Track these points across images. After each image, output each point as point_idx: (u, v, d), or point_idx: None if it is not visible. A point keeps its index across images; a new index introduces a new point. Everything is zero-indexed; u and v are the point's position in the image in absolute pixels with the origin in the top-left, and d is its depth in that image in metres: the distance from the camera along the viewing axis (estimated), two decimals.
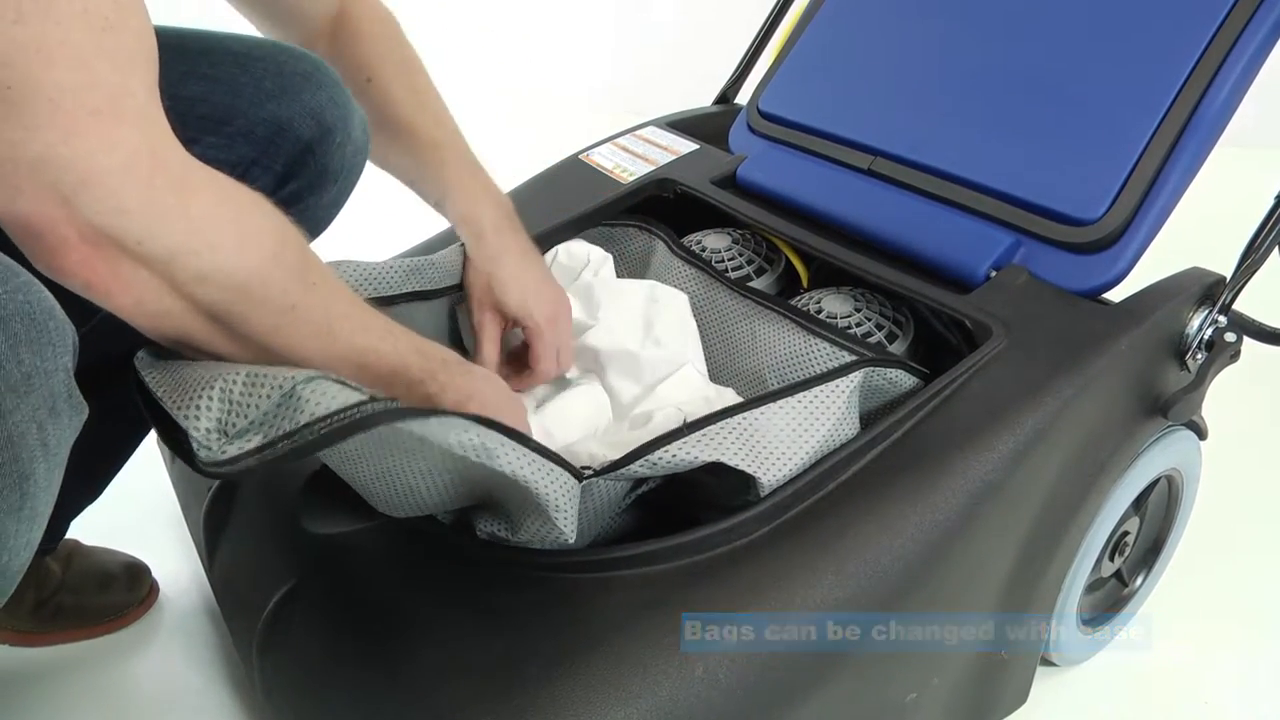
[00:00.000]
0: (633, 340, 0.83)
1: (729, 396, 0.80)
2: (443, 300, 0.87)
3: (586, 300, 0.87)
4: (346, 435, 0.47)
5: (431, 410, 0.51)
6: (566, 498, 0.57)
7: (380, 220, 0.83)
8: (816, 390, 0.67)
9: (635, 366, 0.81)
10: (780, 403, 0.65)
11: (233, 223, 0.51)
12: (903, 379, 0.73)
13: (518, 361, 0.84)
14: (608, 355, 0.82)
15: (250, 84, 0.69)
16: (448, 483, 0.58)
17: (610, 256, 0.93)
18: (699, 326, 0.87)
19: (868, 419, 0.73)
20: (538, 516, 0.58)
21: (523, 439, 0.55)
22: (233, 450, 0.47)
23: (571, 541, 0.59)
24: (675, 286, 0.91)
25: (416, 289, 0.84)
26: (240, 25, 0.77)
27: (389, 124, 0.79)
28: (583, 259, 0.92)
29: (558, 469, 0.57)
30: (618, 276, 0.98)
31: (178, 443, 0.49)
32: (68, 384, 0.49)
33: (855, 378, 0.69)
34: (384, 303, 0.81)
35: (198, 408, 0.48)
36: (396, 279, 0.83)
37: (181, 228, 0.48)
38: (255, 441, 0.47)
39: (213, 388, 0.48)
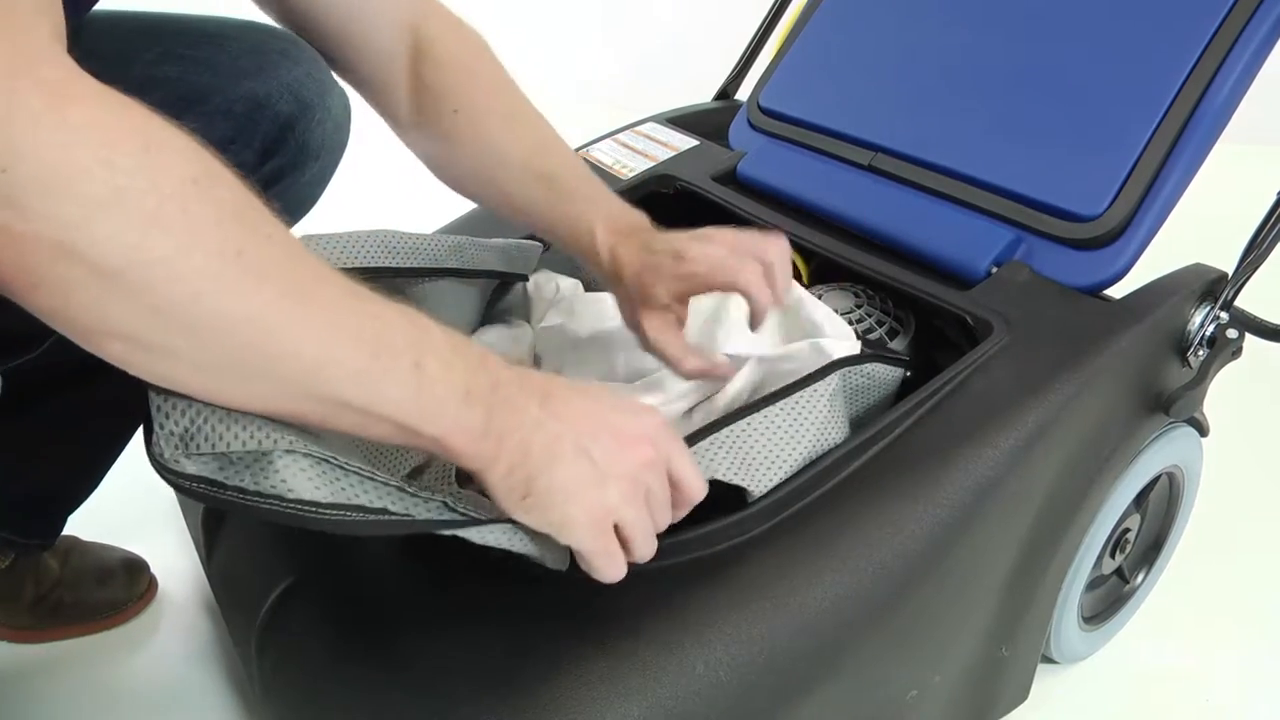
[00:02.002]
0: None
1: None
2: (475, 286, 0.85)
3: (568, 315, 0.86)
4: (299, 525, 0.45)
5: (396, 521, 0.47)
6: (553, 551, 0.55)
7: (383, 205, 0.82)
8: (795, 396, 0.66)
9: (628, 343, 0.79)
10: (764, 412, 0.65)
11: (133, 132, 0.39)
12: (883, 372, 0.72)
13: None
14: (603, 338, 0.81)
15: (227, 62, 0.67)
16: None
17: (579, 283, 0.92)
18: None
19: (867, 416, 0.73)
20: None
21: (490, 519, 0.52)
22: (188, 468, 0.44)
23: (563, 570, 0.57)
24: None
25: (456, 266, 0.80)
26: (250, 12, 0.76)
27: (485, 159, 0.73)
28: (552, 289, 0.91)
29: (527, 536, 0.54)
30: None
31: (148, 434, 0.46)
32: None
33: (832, 380, 0.68)
34: (415, 275, 0.77)
35: (172, 406, 0.44)
36: (438, 253, 0.79)
37: (58, 141, 0.36)
38: (210, 471, 0.44)
39: (191, 402, 0.44)
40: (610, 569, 0.53)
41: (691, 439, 0.62)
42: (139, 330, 0.40)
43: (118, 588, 0.93)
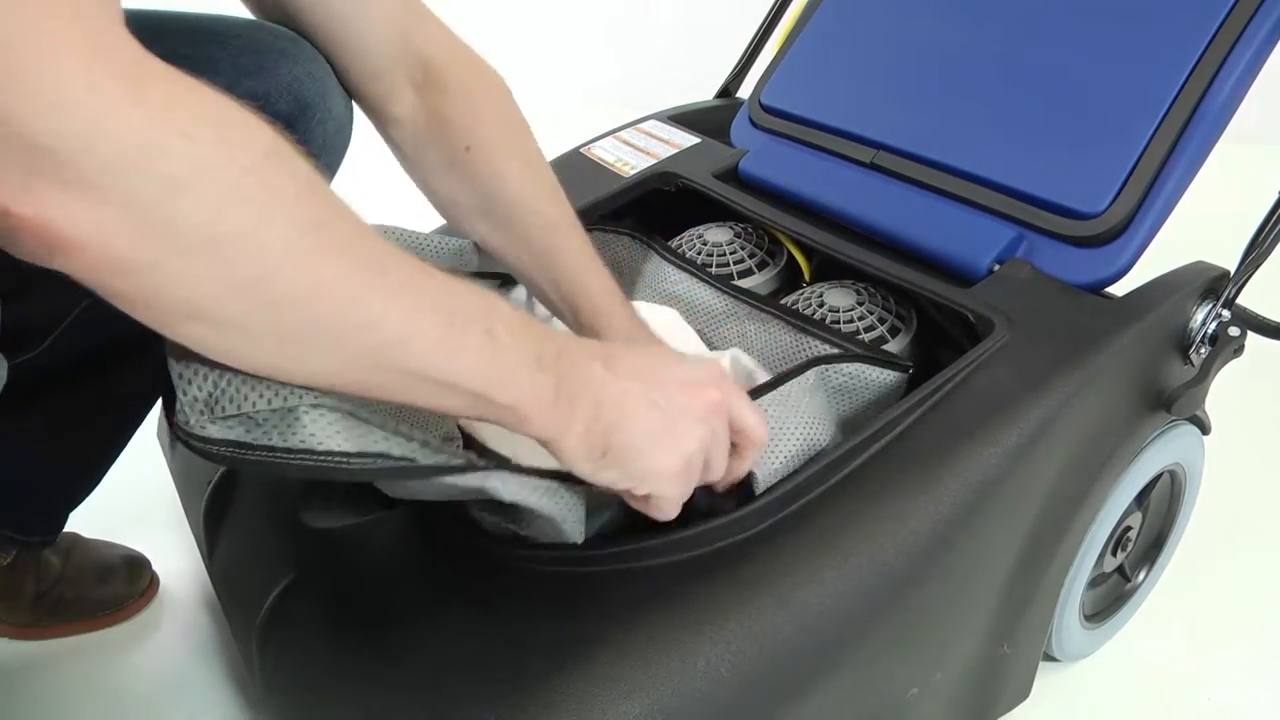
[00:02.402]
0: None
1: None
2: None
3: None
4: (329, 478, 0.45)
5: (417, 468, 0.48)
6: (571, 511, 0.56)
7: (385, 210, 0.82)
8: (783, 389, 0.67)
9: None
10: (759, 401, 0.65)
11: (207, 109, 0.39)
12: (871, 374, 0.72)
13: None
14: None
15: (228, 60, 0.66)
16: (445, 495, 0.57)
17: None
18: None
19: (866, 415, 0.73)
20: (545, 521, 0.57)
21: (521, 469, 0.54)
22: (213, 432, 0.44)
23: (579, 542, 0.58)
24: (667, 288, 0.90)
25: (459, 267, 0.80)
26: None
27: (495, 201, 0.72)
28: None
29: (559, 488, 0.55)
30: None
31: (169, 404, 0.45)
32: None
33: (809, 376, 0.69)
34: None
35: (195, 372, 0.44)
36: (440, 254, 0.78)
37: (137, 119, 0.36)
38: (237, 434, 0.44)
39: (214, 366, 0.44)
40: (675, 510, 0.56)
41: None
42: (221, 309, 0.40)
43: (119, 585, 0.93)
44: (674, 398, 0.52)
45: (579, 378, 0.50)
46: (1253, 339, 0.77)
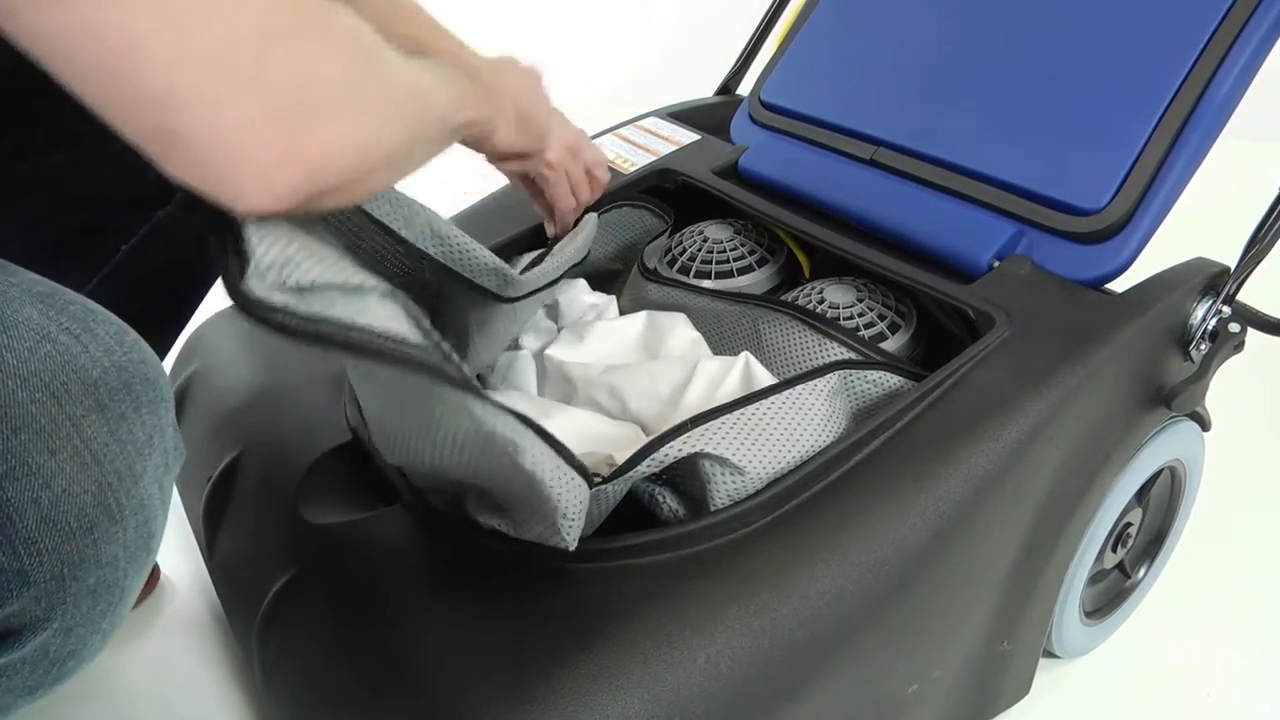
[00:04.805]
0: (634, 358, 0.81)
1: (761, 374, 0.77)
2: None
3: (572, 346, 0.85)
4: (383, 361, 0.45)
5: (470, 386, 0.49)
6: (577, 507, 0.56)
7: None
8: (799, 389, 0.67)
9: (647, 376, 0.78)
10: (770, 400, 0.65)
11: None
12: (888, 380, 0.72)
13: None
14: (615, 380, 0.79)
15: None
16: (455, 462, 0.57)
17: (614, 299, 0.92)
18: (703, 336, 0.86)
19: (869, 410, 0.73)
20: (543, 520, 0.57)
21: (552, 441, 0.54)
22: (277, 299, 0.43)
23: (572, 549, 0.58)
24: (666, 301, 0.90)
25: (500, 288, 0.80)
26: None
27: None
28: (584, 305, 0.91)
29: (576, 476, 0.55)
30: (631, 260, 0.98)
31: (237, 260, 0.44)
32: (175, 436, 0.49)
33: (831, 379, 0.69)
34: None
35: (273, 240, 0.44)
36: (486, 270, 0.78)
37: (346, 53, 0.45)
38: (301, 308, 0.44)
39: (294, 241, 0.45)
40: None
41: (700, 419, 0.62)
42: (396, 150, 0.49)
43: None
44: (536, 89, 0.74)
45: (498, 86, 0.68)
46: (1253, 335, 0.77)
